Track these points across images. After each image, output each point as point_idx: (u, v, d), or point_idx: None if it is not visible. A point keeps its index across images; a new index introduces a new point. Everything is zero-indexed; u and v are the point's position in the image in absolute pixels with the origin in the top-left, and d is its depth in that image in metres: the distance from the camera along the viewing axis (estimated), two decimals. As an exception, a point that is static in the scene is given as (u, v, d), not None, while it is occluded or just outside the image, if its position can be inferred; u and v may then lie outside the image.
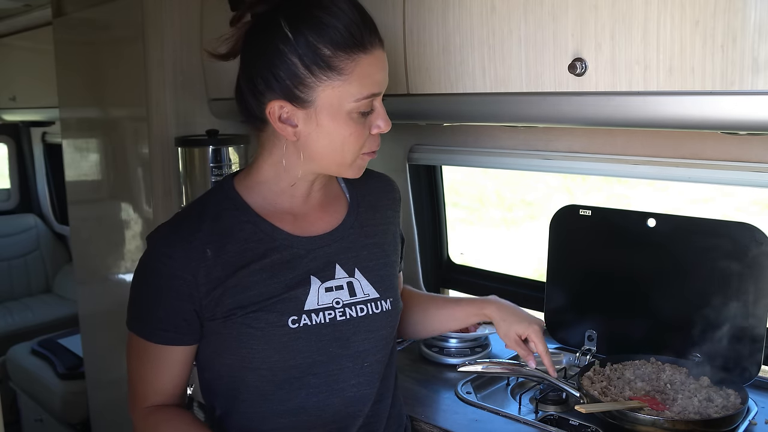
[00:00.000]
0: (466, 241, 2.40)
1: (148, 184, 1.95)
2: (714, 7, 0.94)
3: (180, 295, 1.05)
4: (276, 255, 1.08)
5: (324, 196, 1.17)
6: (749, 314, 1.39)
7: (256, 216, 1.10)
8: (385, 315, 1.14)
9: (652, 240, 1.53)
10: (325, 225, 1.14)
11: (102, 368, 2.42)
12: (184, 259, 1.04)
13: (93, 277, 2.38)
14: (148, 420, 1.11)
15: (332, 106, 1.01)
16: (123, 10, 1.96)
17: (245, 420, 1.11)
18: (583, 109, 1.12)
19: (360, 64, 1.00)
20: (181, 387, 1.14)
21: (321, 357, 1.08)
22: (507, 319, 1.30)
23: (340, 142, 1.04)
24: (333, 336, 1.08)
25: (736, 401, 1.29)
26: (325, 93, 1.00)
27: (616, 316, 1.60)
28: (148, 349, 1.09)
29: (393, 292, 1.17)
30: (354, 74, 1.00)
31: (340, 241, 1.14)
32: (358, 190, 1.21)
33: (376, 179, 1.27)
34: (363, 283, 1.13)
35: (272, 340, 1.05)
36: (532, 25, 1.14)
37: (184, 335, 1.08)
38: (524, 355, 1.31)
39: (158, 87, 1.85)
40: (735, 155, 1.42)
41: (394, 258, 1.22)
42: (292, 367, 1.07)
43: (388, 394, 1.19)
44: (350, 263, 1.13)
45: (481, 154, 1.86)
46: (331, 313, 1.08)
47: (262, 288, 1.06)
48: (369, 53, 1.00)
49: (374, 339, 1.12)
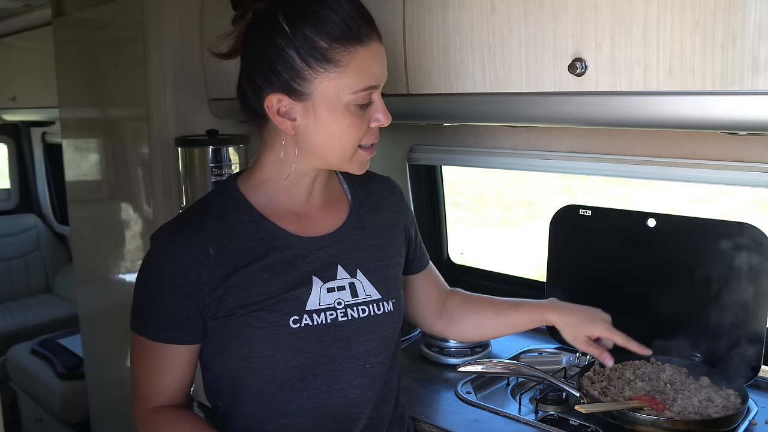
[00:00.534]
0: (466, 241, 2.40)
1: (148, 184, 1.94)
2: (714, 7, 0.94)
3: (183, 294, 1.05)
4: (278, 254, 1.08)
5: (326, 196, 1.17)
6: (749, 314, 1.39)
7: (259, 215, 1.10)
8: (387, 316, 1.14)
9: (652, 240, 1.53)
10: (327, 225, 1.15)
11: (102, 368, 2.42)
12: (186, 257, 1.05)
13: (93, 277, 2.38)
14: (151, 421, 1.11)
15: (330, 99, 1.02)
16: (123, 10, 1.96)
17: (247, 420, 1.11)
18: (583, 109, 1.12)
19: (357, 56, 1.01)
20: (185, 388, 1.14)
21: (322, 358, 1.08)
22: (571, 323, 1.27)
23: (339, 135, 1.04)
24: (334, 336, 1.08)
25: (736, 401, 1.29)
26: (323, 85, 1.01)
27: (616, 316, 1.60)
28: (152, 350, 1.09)
29: (395, 294, 1.17)
30: (351, 66, 1.01)
31: (342, 241, 1.14)
32: (359, 191, 1.21)
33: (378, 181, 1.27)
34: (365, 284, 1.13)
35: (273, 339, 1.05)
36: (532, 25, 1.14)
37: (187, 334, 1.08)
38: (598, 354, 1.26)
39: (158, 87, 1.85)
40: (735, 155, 1.42)
41: (398, 260, 1.21)
42: (293, 368, 1.07)
43: (390, 396, 1.19)
44: (352, 264, 1.13)
45: (481, 154, 1.86)
46: (332, 314, 1.08)
47: (264, 287, 1.06)
48: (366, 45, 1.01)
49: (376, 340, 1.12)
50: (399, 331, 1.19)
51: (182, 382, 1.12)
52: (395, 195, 1.27)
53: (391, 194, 1.26)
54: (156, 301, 1.08)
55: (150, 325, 1.08)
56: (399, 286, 1.19)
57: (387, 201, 1.24)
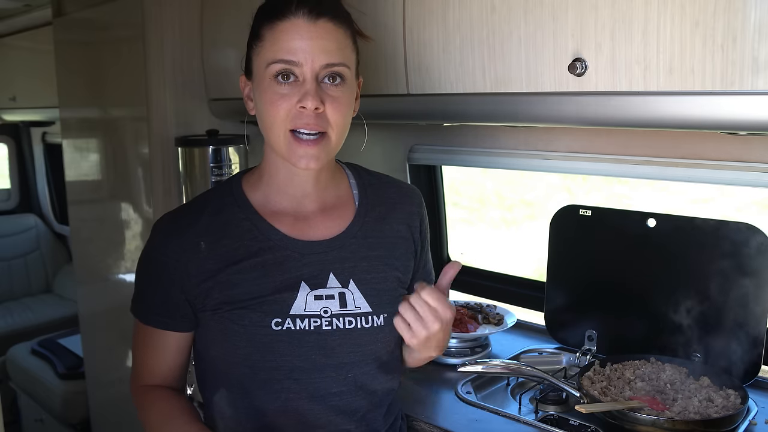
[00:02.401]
0: (466, 241, 2.40)
1: (148, 184, 1.95)
2: (714, 7, 0.94)
3: (172, 283, 1.09)
4: (269, 255, 1.08)
5: (328, 200, 1.15)
6: (749, 314, 1.39)
7: (255, 214, 1.11)
8: (375, 331, 1.10)
9: (652, 240, 1.53)
10: (326, 231, 1.13)
11: (102, 368, 2.41)
12: (177, 248, 1.08)
13: (93, 277, 2.38)
14: (141, 398, 1.17)
15: (258, 74, 1.07)
16: (123, 10, 1.96)
17: (233, 413, 1.12)
18: (583, 109, 1.12)
19: (274, 30, 1.04)
20: (175, 372, 1.17)
21: (302, 363, 1.07)
22: None
23: (264, 112, 1.06)
24: (317, 344, 1.07)
25: (736, 401, 1.29)
26: (255, 61, 1.07)
27: (616, 316, 1.60)
28: (144, 332, 1.15)
29: (389, 308, 1.11)
30: (268, 39, 1.04)
31: (339, 249, 1.12)
32: (370, 198, 1.18)
33: (397, 189, 1.22)
34: (356, 296, 1.10)
35: (254, 339, 1.05)
36: (532, 25, 1.14)
37: (176, 322, 1.12)
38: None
39: (158, 87, 1.85)
40: (735, 155, 1.42)
41: (398, 274, 1.16)
42: (272, 369, 1.07)
43: (380, 410, 1.16)
44: (345, 273, 1.11)
45: (481, 154, 1.85)
46: (317, 321, 1.07)
47: (251, 286, 1.06)
48: (285, 20, 1.03)
49: (361, 353, 1.10)
50: (395, 346, 1.15)
51: (172, 366, 1.16)
52: (411, 207, 1.21)
53: (407, 205, 1.21)
54: (148, 287, 1.13)
55: (143, 309, 1.14)
56: (395, 302, 1.10)
57: (399, 212, 1.19)
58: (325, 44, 1.03)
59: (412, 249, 1.20)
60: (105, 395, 2.45)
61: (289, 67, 1.02)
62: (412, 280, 1.20)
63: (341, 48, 1.05)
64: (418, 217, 1.22)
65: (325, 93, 1.03)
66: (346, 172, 1.21)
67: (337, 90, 1.04)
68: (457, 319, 1.71)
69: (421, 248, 1.22)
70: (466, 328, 1.70)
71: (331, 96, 1.04)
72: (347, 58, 1.06)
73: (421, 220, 1.22)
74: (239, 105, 1.17)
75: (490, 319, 1.77)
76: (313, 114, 1.02)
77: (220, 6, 1.75)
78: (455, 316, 1.70)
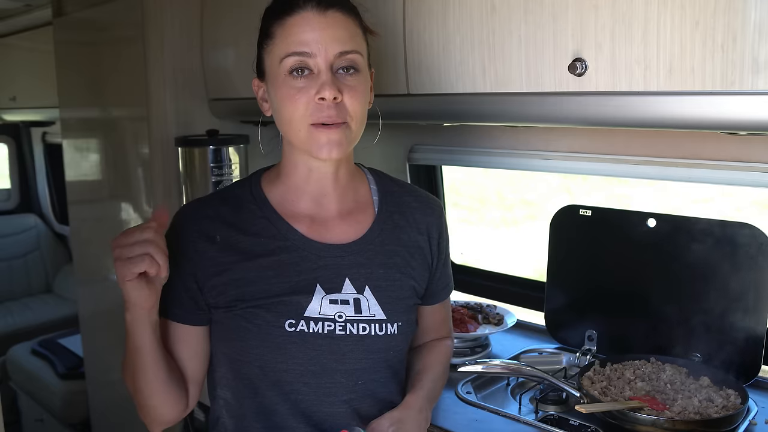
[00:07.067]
0: (466, 241, 2.40)
1: (148, 184, 1.95)
2: (714, 7, 0.94)
3: (186, 274, 1.08)
4: (285, 254, 1.08)
5: (347, 203, 1.14)
6: (749, 314, 1.39)
7: (274, 212, 1.11)
8: (388, 338, 1.10)
9: (652, 240, 1.53)
10: (344, 235, 1.12)
11: (102, 368, 2.42)
12: (192, 239, 1.08)
13: (93, 277, 2.38)
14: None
15: (271, 73, 1.07)
16: (123, 10, 1.96)
17: (242, 412, 1.11)
18: (584, 109, 1.12)
19: (284, 25, 1.04)
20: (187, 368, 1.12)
21: (313, 367, 1.07)
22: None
23: (282, 109, 1.05)
24: (329, 348, 1.07)
25: (736, 401, 1.29)
26: (267, 60, 1.08)
27: (616, 316, 1.60)
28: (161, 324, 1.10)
29: (404, 317, 1.12)
30: (279, 35, 1.05)
31: (356, 255, 1.11)
32: (390, 205, 1.17)
33: (416, 198, 1.21)
34: (371, 302, 1.09)
35: (267, 339, 1.05)
36: (532, 25, 1.14)
37: (188, 314, 1.10)
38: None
39: (158, 87, 1.85)
40: (735, 155, 1.42)
41: (413, 284, 1.15)
42: (283, 371, 1.06)
43: None
44: (361, 280, 1.10)
45: (481, 154, 1.86)
46: (330, 325, 1.06)
47: (266, 285, 1.06)
48: (294, 14, 1.03)
49: (373, 360, 1.10)
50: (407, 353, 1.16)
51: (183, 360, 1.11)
52: (431, 218, 1.20)
53: (427, 216, 1.19)
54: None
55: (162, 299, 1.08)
56: (410, 311, 1.14)
57: (419, 221, 1.18)
58: (337, 33, 1.03)
59: (428, 260, 1.19)
60: (105, 395, 2.45)
61: (303, 59, 1.02)
62: (426, 290, 1.21)
63: (353, 36, 1.05)
64: (437, 228, 1.21)
65: (342, 83, 1.03)
66: (367, 176, 1.20)
67: (352, 79, 1.04)
68: (458, 319, 1.71)
69: (437, 260, 1.21)
70: (466, 328, 1.70)
71: (347, 86, 1.04)
72: (359, 45, 1.06)
73: (440, 232, 1.21)
74: (239, 105, 1.17)
75: (490, 319, 1.77)
76: (333, 105, 1.02)
77: (220, 6, 1.75)
78: (456, 316, 1.71)
